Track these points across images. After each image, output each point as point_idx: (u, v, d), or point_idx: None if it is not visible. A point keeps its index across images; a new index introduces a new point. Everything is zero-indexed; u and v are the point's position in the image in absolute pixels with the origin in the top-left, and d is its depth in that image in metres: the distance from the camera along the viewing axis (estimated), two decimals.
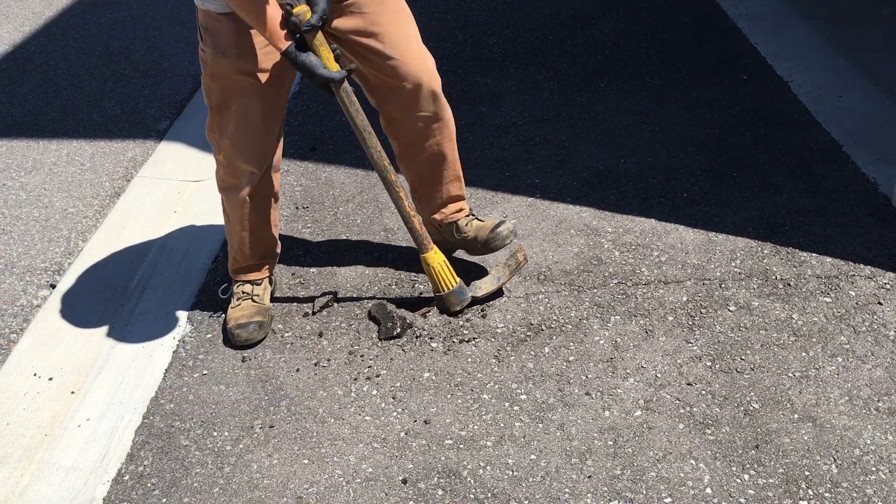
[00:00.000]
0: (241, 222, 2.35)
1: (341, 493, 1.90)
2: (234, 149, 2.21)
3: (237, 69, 2.09)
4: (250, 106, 2.14)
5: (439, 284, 2.35)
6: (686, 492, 1.87)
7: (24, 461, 2.04)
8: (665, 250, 2.67)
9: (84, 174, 3.43)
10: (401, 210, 2.27)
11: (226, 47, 2.06)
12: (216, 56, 2.08)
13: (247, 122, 2.17)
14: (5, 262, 2.88)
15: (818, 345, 2.27)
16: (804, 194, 2.89)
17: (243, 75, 2.10)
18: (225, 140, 2.20)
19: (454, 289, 2.37)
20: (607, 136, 3.35)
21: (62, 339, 2.44)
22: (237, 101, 2.14)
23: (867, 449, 1.95)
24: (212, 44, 2.08)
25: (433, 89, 2.26)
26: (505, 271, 2.47)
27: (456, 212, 2.53)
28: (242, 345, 2.33)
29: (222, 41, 2.06)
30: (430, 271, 2.34)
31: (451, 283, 2.36)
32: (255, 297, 2.41)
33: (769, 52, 3.94)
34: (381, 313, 2.37)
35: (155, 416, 2.14)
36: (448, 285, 2.36)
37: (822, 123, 3.31)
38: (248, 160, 2.23)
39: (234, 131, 2.18)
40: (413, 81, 2.22)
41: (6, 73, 4.37)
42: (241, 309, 2.38)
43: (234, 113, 2.15)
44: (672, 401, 2.11)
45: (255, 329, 2.33)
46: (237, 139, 2.19)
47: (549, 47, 4.16)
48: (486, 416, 2.09)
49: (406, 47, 2.21)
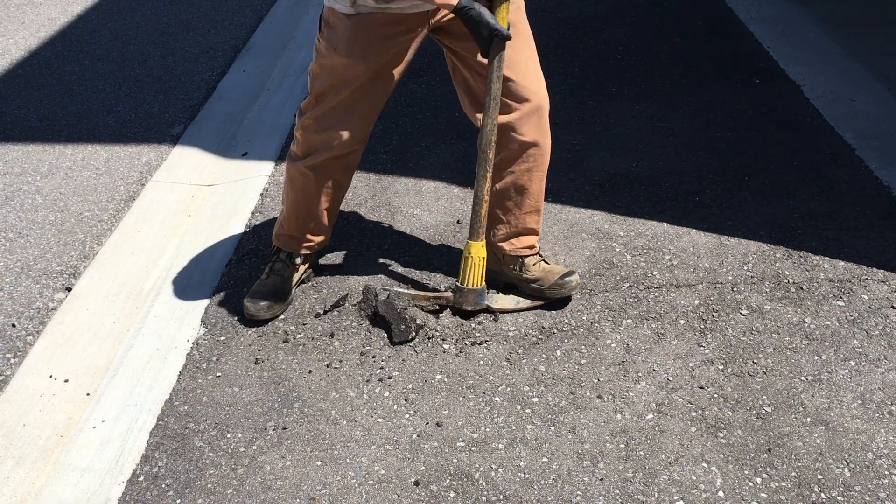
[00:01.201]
0: (299, 191, 2.40)
1: (354, 495, 1.91)
2: (317, 132, 2.29)
3: (343, 66, 2.18)
4: (344, 102, 2.24)
5: (468, 277, 2.35)
6: (698, 495, 1.87)
7: (41, 462, 2.06)
8: (677, 254, 2.67)
9: (99, 178, 3.46)
10: (478, 189, 2.25)
11: (338, 43, 2.16)
12: (329, 49, 2.19)
13: (334, 113, 2.26)
14: (22, 265, 2.91)
15: (831, 348, 2.26)
16: (817, 198, 2.89)
17: (346, 73, 2.19)
18: (309, 120, 2.29)
19: (477, 288, 2.37)
20: (619, 139, 3.35)
21: (77, 341, 2.47)
22: (334, 93, 2.23)
23: (880, 452, 1.95)
24: (327, 37, 2.19)
25: (541, 110, 2.27)
26: (528, 302, 2.45)
27: (528, 247, 2.44)
28: (249, 317, 2.42)
29: (337, 38, 2.16)
30: (467, 261, 2.33)
31: (478, 283, 2.37)
32: (283, 276, 2.48)
33: (781, 55, 3.93)
34: (391, 314, 2.36)
35: (169, 417, 2.16)
36: (475, 282, 2.36)
37: (835, 127, 3.31)
38: (324, 145, 2.30)
39: (321, 116, 2.27)
40: (522, 102, 2.24)
41: (22, 78, 4.41)
42: (264, 284, 2.47)
43: (327, 101, 2.25)
44: (684, 404, 2.11)
45: (265, 308, 2.41)
46: (322, 126, 2.28)
47: (561, 51, 4.17)
48: (497, 418, 2.10)
49: (523, 69, 2.23)
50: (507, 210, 2.40)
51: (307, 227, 2.48)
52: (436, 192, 3.08)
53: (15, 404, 2.24)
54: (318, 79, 2.25)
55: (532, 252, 2.45)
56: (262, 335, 2.41)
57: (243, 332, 2.43)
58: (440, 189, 3.10)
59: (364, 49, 2.15)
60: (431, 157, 3.32)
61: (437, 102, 3.75)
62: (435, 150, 3.37)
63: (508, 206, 2.39)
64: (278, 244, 2.53)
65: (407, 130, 3.53)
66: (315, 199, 2.42)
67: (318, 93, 2.26)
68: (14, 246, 3.02)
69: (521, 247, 2.44)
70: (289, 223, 2.48)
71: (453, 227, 2.87)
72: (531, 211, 2.41)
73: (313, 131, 2.30)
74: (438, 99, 3.78)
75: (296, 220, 2.46)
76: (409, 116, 3.64)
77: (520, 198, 2.38)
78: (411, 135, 3.50)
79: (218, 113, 3.89)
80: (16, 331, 2.58)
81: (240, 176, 3.31)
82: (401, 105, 3.75)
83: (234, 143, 3.59)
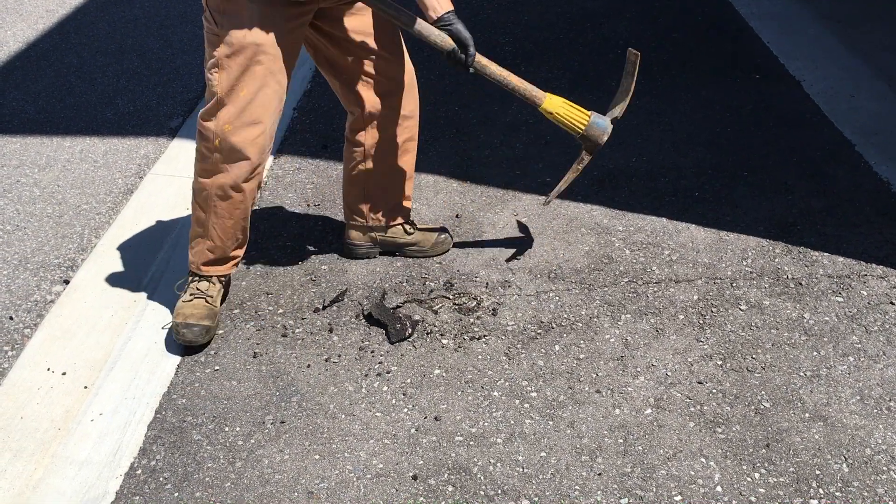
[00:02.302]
0: (229, 212, 2.29)
1: (352, 489, 1.91)
2: (235, 135, 2.17)
3: (253, 53, 2.09)
4: (258, 92, 2.14)
5: (574, 125, 2.29)
6: (696, 490, 1.87)
7: (38, 455, 2.06)
8: (676, 249, 2.66)
9: (97, 171, 3.45)
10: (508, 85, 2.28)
11: (245, 26, 2.07)
12: (232, 37, 2.08)
13: (252, 108, 2.15)
14: (19, 257, 2.90)
15: (829, 344, 2.26)
16: (816, 194, 2.89)
17: (256, 60, 2.10)
18: (227, 125, 2.16)
19: (591, 121, 2.29)
20: (618, 135, 3.34)
21: (75, 334, 2.46)
22: (246, 85, 2.12)
23: (878, 448, 1.95)
24: (228, 27, 2.08)
25: (413, 84, 2.41)
26: (628, 80, 2.33)
27: (403, 213, 2.64)
28: (186, 343, 2.30)
29: (241, 23, 2.07)
30: (556, 118, 2.28)
31: (585, 119, 2.29)
32: (208, 298, 2.36)
33: (781, 51, 3.93)
34: (385, 315, 2.35)
35: (167, 410, 2.15)
36: (582, 122, 2.29)
37: (835, 123, 3.30)
38: (246, 147, 2.18)
39: (237, 116, 2.15)
40: (396, 79, 2.35)
41: (20, 70, 4.40)
42: (193, 307, 2.33)
43: (241, 98, 2.14)
44: (682, 399, 2.11)
45: (202, 333, 2.29)
46: (240, 125, 2.16)
47: (560, 46, 4.16)
48: (496, 413, 2.09)
49: (397, 49, 2.35)
50: (387, 187, 2.55)
51: (233, 245, 2.37)
52: (435, 187, 3.08)
53: (12, 397, 2.24)
54: (221, 76, 2.12)
55: (407, 218, 2.65)
56: (261, 329, 2.41)
57: (241, 326, 2.42)
58: (439, 183, 3.10)
59: (275, 29, 2.08)
60: (430, 152, 3.31)
61: (437, 97, 3.74)
62: (434, 145, 3.36)
63: (388, 182, 2.54)
64: (211, 272, 2.38)
65: None
66: (245, 216, 2.33)
67: (227, 90, 2.13)
68: (12, 238, 3.01)
69: (397, 215, 2.62)
70: (218, 249, 2.36)
71: (452, 222, 2.86)
72: (409, 178, 2.58)
73: (232, 135, 2.16)
74: (438, 93, 3.77)
75: (222, 243, 2.34)
76: None
77: (395, 166, 2.52)
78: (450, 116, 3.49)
79: None
80: (13, 323, 2.57)
81: None
82: None
83: None
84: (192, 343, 2.30)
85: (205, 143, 2.21)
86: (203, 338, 2.31)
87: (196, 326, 2.29)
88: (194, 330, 2.29)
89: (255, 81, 2.13)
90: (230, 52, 2.10)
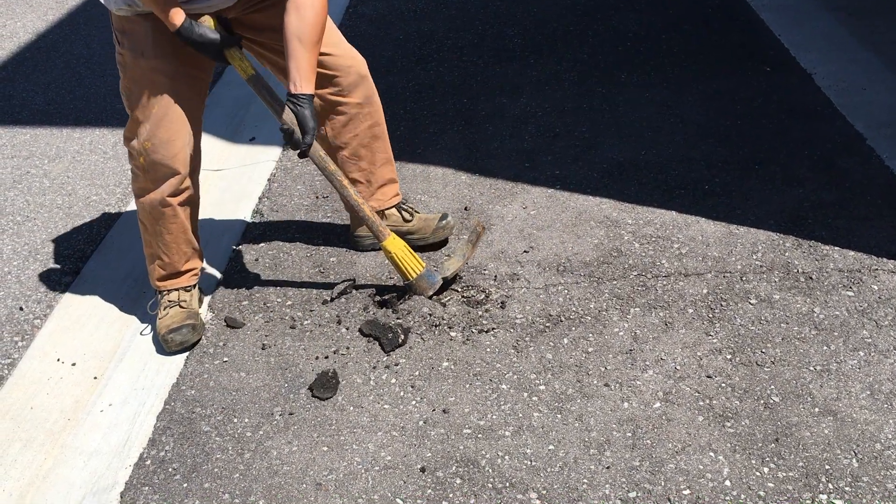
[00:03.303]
0: (166, 228, 2.30)
1: (360, 481, 1.91)
2: (156, 152, 2.18)
3: (155, 69, 2.13)
4: (170, 107, 2.16)
5: (406, 272, 2.36)
6: (705, 484, 1.87)
7: (48, 445, 2.07)
8: (686, 242, 2.65)
9: (107, 162, 3.45)
10: (347, 199, 2.30)
11: (143, 48, 2.12)
12: (135, 57, 2.13)
13: (167, 123, 2.17)
14: (29, 248, 2.91)
15: (840, 339, 2.25)
16: (827, 187, 2.87)
17: (163, 75, 2.14)
18: (146, 142, 2.18)
19: (422, 273, 2.37)
20: (628, 127, 3.33)
21: (85, 325, 2.47)
22: (157, 101, 2.15)
23: (888, 444, 1.94)
24: (129, 46, 2.13)
25: (361, 73, 2.37)
26: (468, 247, 2.49)
27: (393, 197, 2.61)
28: (177, 350, 2.30)
29: (139, 42, 2.12)
30: (393, 259, 2.35)
31: (418, 268, 2.37)
32: (182, 304, 2.36)
33: (792, 43, 3.90)
34: (376, 329, 2.33)
35: (176, 402, 2.16)
36: (415, 271, 2.36)
37: (846, 116, 3.28)
38: (170, 162, 2.20)
39: (154, 132, 2.17)
40: (344, 70, 2.34)
41: (30, 61, 4.41)
42: (170, 317, 2.33)
43: (154, 115, 2.16)
44: (691, 393, 2.10)
45: (189, 332, 2.29)
46: (158, 141, 2.18)
47: (570, 38, 4.14)
48: (504, 406, 2.09)
49: (336, 43, 2.33)
50: (363, 170, 2.51)
51: (181, 259, 2.38)
52: (443, 179, 3.07)
53: (22, 387, 2.25)
54: (132, 94, 2.17)
55: (398, 199, 2.62)
56: (269, 321, 2.41)
57: (250, 318, 2.43)
58: (448, 175, 3.09)
59: (173, 45, 2.10)
60: (439, 144, 3.31)
61: (445, 88, 3.73)
62: (443, 137, 3.36)
63: (362, 167, 2.51)
64: (170, 286, 2.39)
65: (415, 116, 3.52)
66: (188, 227, 2.35)
67: (140, 107, 2.16)
68: (22, 229, 3.02)
69: (386, 199, 2.59)
70: (171, 265, 2.37)
71: (461, 214, 2.86)
72: (385, 162, 2.55)
73: (154, 152, 2.18)
74: (446, 85, 3.76)
75: (169, 259, 2.36)
76: (417, 102, 3.63)
77: (370, 154, 2.49)
78: (419, 121, 3.48)
79: (226, 98, 3.88)
80: (23, 314, 2.59)
81: (247, 161, 3.31)
82: (408, 91, 3.73)
83: (241, 128, 3.58)
84: (183, 345, 2.30)
85: (133, 162, 2.25)
86: (192, 336, 2.30)
87: (182, 327, 2.29)
88: (182, 331, 2.29)
89: (162, 98, 2.15)
90: (135, 72, 2.15)
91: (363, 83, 2.39)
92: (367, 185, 2.55)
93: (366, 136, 2.46)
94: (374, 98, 2.44)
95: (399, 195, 2.64)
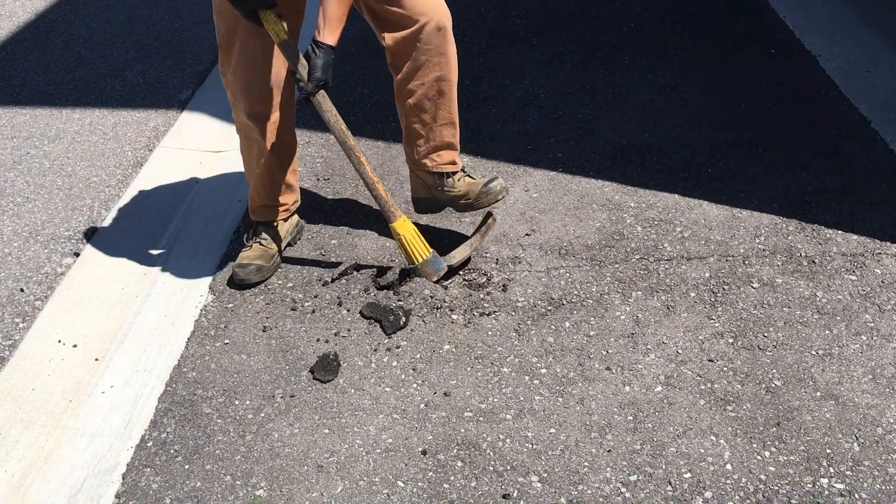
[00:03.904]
0: (256, 161, 2.43)
1: (361, 463, 1.92)
2: (237, 85, 2.28)
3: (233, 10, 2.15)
4: (249, 43, 2.22)
5: (412, 255, 2.34)
6: (706, 468, 1.87)
7: (50, 426, 2.07)
8: (688, 226, 2.64)
9: (107, 143, 3.44)
10: (363, 176, 2.27)
11: None
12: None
13: (247, 60, 2.24)
14: (30, 230, 2.90)
15: (842, 323, 2.24)
16: (831, 171, 2.86)
17: (240, 18, 2.16)
18: (230, 76, 2.28)
19: (428, 258, 2.34)
20: (631, 110, 3.31)
21: (86, 306, 2.46)
22: (239, 37, 2.22)
23: (890, 428, 1.94)
24: None
25: (440, 23, 2.28)
26: (476, 237, 2.48)
27: (449, 163, 2.50)
28: (238, 282, 2.45)
29: None
30: (401, 241, 2.33)
31: (424, 253, 2.34)
32: (262, 241, 2.51)
33: (797, 26, 3.87)
34: (377, 311, 2.33)
35: (178, 384, 2.16)
36: (421, 255, 2.34)
37: (851, 99, 3.26)
38: (249, 98, 2.29)
39: (236, 67, 2.26)
40: (421, 14, 2.25)
41: (29, 41, 4.38)
42: (249, 251, 2.50)
43: (237, 50, 2.24)
44: (693, 377, 2.10)
45: (254, 271, 2.45)
46: (239, 75, 2.26)
47: (573, 20, 4.11)
48: (505, 389, 2.09)
49: None
50: (424, 123, 2.44)
51: (275, 193, 2.50)
52: None
53: (24, 369, 2.25)
54: (219, 28, 2.26)
55: (454, 168, 2.51)
56: (270, 303, 2.41)
57: (251, 300, 2.42)
58: None
59: None
60: None
61: None
62: None
63: (425, 120, 2.43)
64: (256, 217, 2.56)
65: None
66: (273, 164, 2.44)
67: (224, 43, 2.26)
68: (22, 210, 3.01)
69: (441, 163, 2.49)
70: (259, 195, 2.51)
71: None
72: (446, 123, 2.45)
73: (234, 85, 2.29)
74: None
75: (263, 189, 2.48)
76: None
77: (433, 108, 2.41)
78: None
79: None
80: (24, 295, 2.58)
81: None
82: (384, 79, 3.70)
83: None
84: (243, 281, 2.45)
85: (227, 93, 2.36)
86: (254, 276, 2.46)
87: (250, 265, 2.45)
88: (247, 269, 2.45)
89: (244, 34, 2.20)
90: (219, 10, 2.22)
91: (438, 34, 2.28)
92: (425, 142, 2.47)
93: (432, 89, 2.37)
94: (449, 52, 2.33)
95: (456, 164, 2.51)
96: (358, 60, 3.79)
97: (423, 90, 2.37)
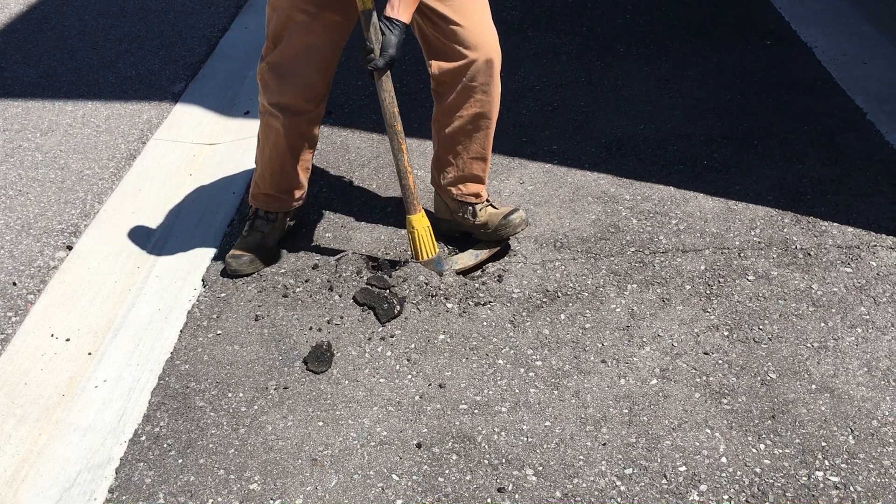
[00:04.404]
0: (271, 147, 2.41)
1: (356, 456, 1.91)
2: (272, 75, 2.27)
3: (293, 4, 2.17)
4: (297, 41, 2.22)
5: (420, 251, 2.35)
6: (701, 461, 1.86)
7: (43, 420, 2.06)
8: (684, 218, 2.64)
9: (100, 136, 3.42)
10: (399, 163, 2.26)
11: None
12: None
13: (290, 57, 2.24)
14: (22, 223, 2.88)
15: (837, 315, 2.24)
16: (827, 163, 2.85)
17: (298, 10, 2.18)
18: (268, 65, 2.28)
19: (433, 258, 2.37)
20: (626, 101, 3.30)
21: (79, 300, 2.45)
22: (289, 32, 2.22)
23: (885, 420, 1.94)
24: None
25: (490, 60, 2.26)
26: (485, 252, 2.48)
27: (473, 195, 2.50)
28: (231, 273, 2.45)
29: None
30: (412, 235, 2.33)
31: (431, 252, 2.36)
32: (258, 232, 2.50)
33: (794, 17, 3.86)
34: (370, 298, 2.32)
35: (171, 377, 2.15)
36: (427, 253, 2.35)
37: (847, 90, 3.25)
38: (282, 90, 2.28)
39: (277, 60, 2.26)
40: (471, 49, 2.24)
41: (21, 32, 4.35)
42: (245, 241, 2.49)
43: (282, 45, 2.24)
44: (688, 370, 2.10)
45: (247, 263, 2.45)
46: (278, 69, 2.26)
47: (569, 11, 4.09)
48: (500, 381, 2.09)
49: (472, 16, 2.24)
50: (456, 154, 2.44)
51: (282, 184, 2.48)
52: None
53: (16, 363, 2.24)
54: (270, 21, 2.25)
55: (478, 201, 2.52)
56: (262, 290, 2.40)
57: (243, 288, 2.41)
58: None
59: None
60: None
61: None
62: None
63: (458, 150, 2.43)
64: (256, 204, 2.53)
65: (411, 91, 3.48)
66: (286, 155, 2.42)
67: (272, 36, 2.26)
68: (14, 203, 2.99)
69: (466, 193, 2.50)
70: (264, 181, 2.49)
71: None
72: (477, 157, 2.45)
73: (270, 78, 2.28)
74: None
75: (270, 177, 2.47)
76: (414, 76, 3.58)
77: (467, 142, 2.41)
78: (416, 95, 3.44)
79: (220, 70, 3.84)
80: (16, 289, 2.57)
81: (242, 135, 3.27)
82: (405, 64, 3.69)
83: (235, 102, 3.55)
84: (236, 272, 2.45)
85: (259, 78, 2.34)
86: (247, 268, 2.46)
87: (244, 256, 2.45)
88: (240, 259, 2.45)
89: (295, 35, 2.21)
90: (274, 4, 2.23)
91: (485, 72, 2.27)
92: (454, 171, 2.48)
93: (470, 124, 2.37)
94: (493, 92, 2.31)
95: (480, 197, 2.51)
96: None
97: (461, 122, 2.37)
